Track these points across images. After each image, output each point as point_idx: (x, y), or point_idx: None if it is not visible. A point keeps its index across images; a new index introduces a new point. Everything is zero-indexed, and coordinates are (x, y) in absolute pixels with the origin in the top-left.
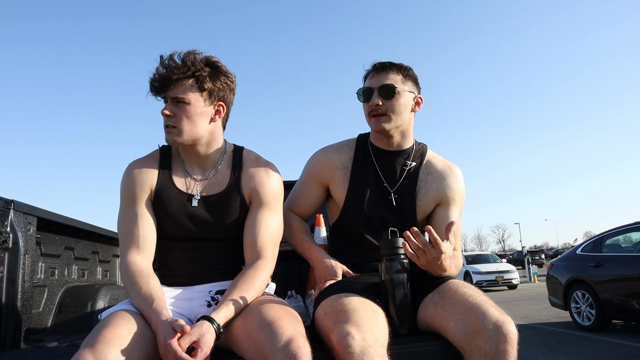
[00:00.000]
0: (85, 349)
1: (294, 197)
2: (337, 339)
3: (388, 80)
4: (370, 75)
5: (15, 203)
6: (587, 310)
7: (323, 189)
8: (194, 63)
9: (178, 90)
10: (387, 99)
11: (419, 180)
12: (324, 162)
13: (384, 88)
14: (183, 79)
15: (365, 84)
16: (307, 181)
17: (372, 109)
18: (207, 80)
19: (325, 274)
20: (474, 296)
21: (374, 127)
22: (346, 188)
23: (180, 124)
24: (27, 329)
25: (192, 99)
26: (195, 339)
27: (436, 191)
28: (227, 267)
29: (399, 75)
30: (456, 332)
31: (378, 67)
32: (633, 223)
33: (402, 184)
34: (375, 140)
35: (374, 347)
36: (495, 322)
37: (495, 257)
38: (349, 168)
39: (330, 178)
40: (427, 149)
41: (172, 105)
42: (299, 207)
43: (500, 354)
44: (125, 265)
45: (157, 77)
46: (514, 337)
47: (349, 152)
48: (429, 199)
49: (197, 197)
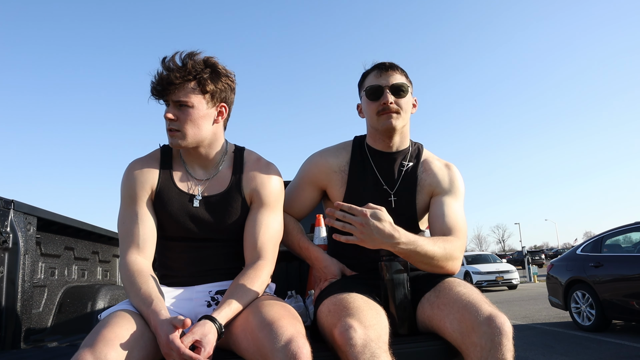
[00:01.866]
0: (85, 349)
1: (288, 199)
2: (340, 332)
3: (398, 80)
4: (375, 74)
5: (15, 203)
6: (587, 310)
7: (319, 192)
8: (195, 66)
9: (180, 93)
10: (399, 97)
11: (417, 180)
12: (321, 166)
13: (396, 86)
14: (185, 82)
15: (370, 82)
16: (302, 184)
17: (383, 107)
18: (209, 83)
19: (325, 273)
20: (468, 294)
21: (384, 126)
22: (344, 192)
23: (184, 128)
24: (27, 329)
25: (195, 102)
26: (198, 338)
27: (429, 185)
28: (228, 268)
29: (403, 75)
30: (452, 331)
31: (387, 66)
32: (633, 223)
33: (400, 185)
34: (373, 142)
35: (376, 341)
36: (488, 317)
37: (495, 257)
38: (346, 171)
39: (328, 182)
40: (423, 148)
41: (174, 109)
42: (293, 209)
43: (496, 347)
44: (124, 265)
45: (159, 80)
46: (507, 330)
47: (345, 155)
48: (425, 195)
49: (199, 197)
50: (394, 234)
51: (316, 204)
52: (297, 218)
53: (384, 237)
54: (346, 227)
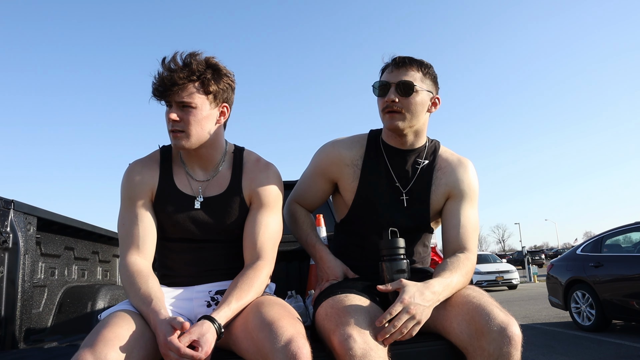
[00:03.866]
0: (85, 349)
1: (300, 189)
2: (339, 342)
3: (407, 77)
4: (388, 69)
5: (15, 203)
6: (587, 310)
7: (330, 184)
8: (198, 66)
9: (184, 94)
10: (404, 96)
11: (433, 179)
12: (334, 158)
13: (402, 84)
14: (188, 82)
15: (382, 77)
16: (314, 175)
17: (387, 104)
18: (212, 83)
19: (327, 274)
20: (478, 297)
21: (388, 125)
22: (356, 186)
23: (188, 129)
24: (27, 329)
25: (199, 102)
26: (196, 338)
27: (445, 185)
28: (227, 268)
29: (419, 72)
30: (459, 332)
31: (398, 62)
32: (633, 223)
33: (415, 183)
34: (388, 138)
35: (375, 349)
36: (500, 324)
37: (495, 257)
38: (359, 166)
39: (339, 175)
40: (440, 145)
41: (178, 110)
42: (304, 200)
43: (504, 356)
44: (124, 266)
45: (161, 81)
46: (518, 340)
47: (359, 148)
48: (439, 195)
49: (200, 199)
50: (433, 297)
51: (328, 196)
52: (308, 210)
53: (431, 305)
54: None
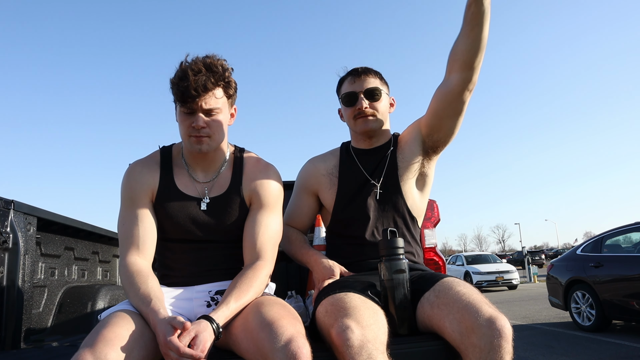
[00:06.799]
0: (85, 349)
1: (290, 211)
2: (337, 333)
3: (372, 84)
4: (349, 80)
5: (15, 203)
6: (587, 310)
7: (314, 198)
8: (222, 70)
9: (212, 100)
10: (374, 101)
11: (397, 163)
12: (311, 171)
13: (369, 91)
14: (217, 87)
15: (345, 89)
16: (298, 192)
17: (359, 111)
18: (230, 87)
19: (323, 274)
20: (468, 295)
21: (362, 128)
22: (334, 193)
23: (215, 134)
24: (27, 329)
25: (223, 107)
26: (192, 336)
27: (405, 161)
28: (228, 268)
29: (377, 78)
30: (452, 331)
31: (360, 72)
32: (633, 223)
33: (385, 175)
34: (357, 143)
35: (373, 342)
36: (488, 318)
37: (495, 257)
38: (335, 174)
39: (318, 185)
40: (399, 134)
41: (203, 115)
42: (295, 220)
43: (495, 349)
44: (124, 266)
45: (191, 87)
46: (507, 332)
47: (333, 159)
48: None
49: (207, 200)
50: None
51: (316, 211)
52: (301, 229)
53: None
54: None
